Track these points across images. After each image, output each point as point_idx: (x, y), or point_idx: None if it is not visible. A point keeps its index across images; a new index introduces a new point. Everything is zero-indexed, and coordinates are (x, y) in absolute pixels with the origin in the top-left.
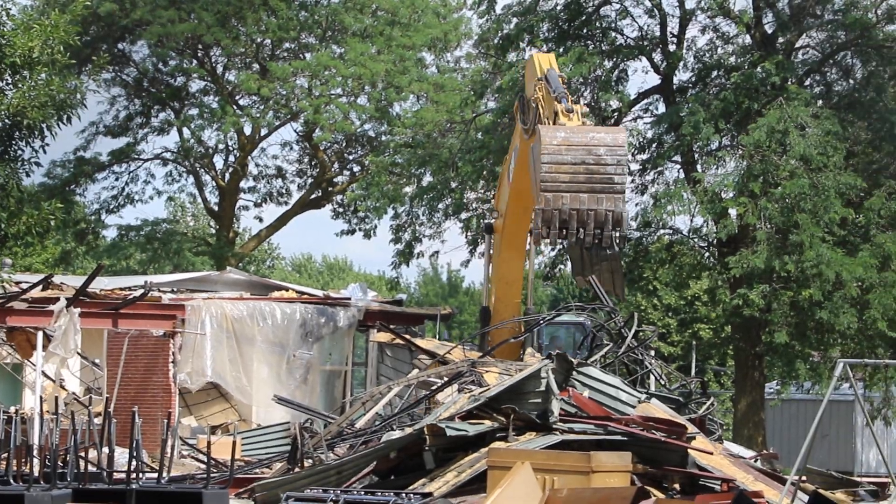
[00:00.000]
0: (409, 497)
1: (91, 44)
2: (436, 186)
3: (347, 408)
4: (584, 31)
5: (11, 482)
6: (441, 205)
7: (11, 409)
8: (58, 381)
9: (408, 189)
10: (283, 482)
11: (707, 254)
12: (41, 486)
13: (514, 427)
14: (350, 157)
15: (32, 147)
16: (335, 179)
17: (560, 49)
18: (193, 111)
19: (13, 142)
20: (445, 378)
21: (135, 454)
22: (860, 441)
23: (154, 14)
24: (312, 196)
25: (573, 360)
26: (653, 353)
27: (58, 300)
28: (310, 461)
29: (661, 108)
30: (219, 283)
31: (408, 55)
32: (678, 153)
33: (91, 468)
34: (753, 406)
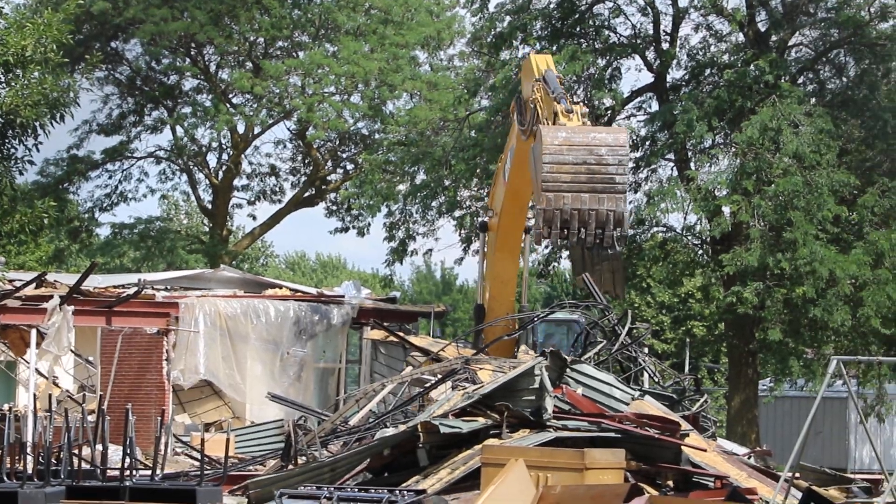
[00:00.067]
0: (403, 494)
1: (84, 42)
2: (429, 184)
3: (341, 405)
4: (578, 30)
5: (5, 479)
6: (434, 203)
7: (5, 407)
8: (51, 379)
9: (401, 187)
10: (277, 479)
11: (700, 251)
12: (35, 484)
13: (508, 424)
14: (343, 155)
15: (26, 145)
16: (329, 177)
17: (553, 47)
18: (187, 109)
19: (6, 140)
20: (439, 375)
21: (128, 451)
22: (853, 438)
23: (147, 12)
24: (306, 194)
25: (567, 358)
26: (646, 351)
27: (51, 298)
28: (304, 458)
29: (655, 107)
30: (212, 281)
31: (401, 53)
32: (671, 151)
33: (85, 465)
34: (747, 403)
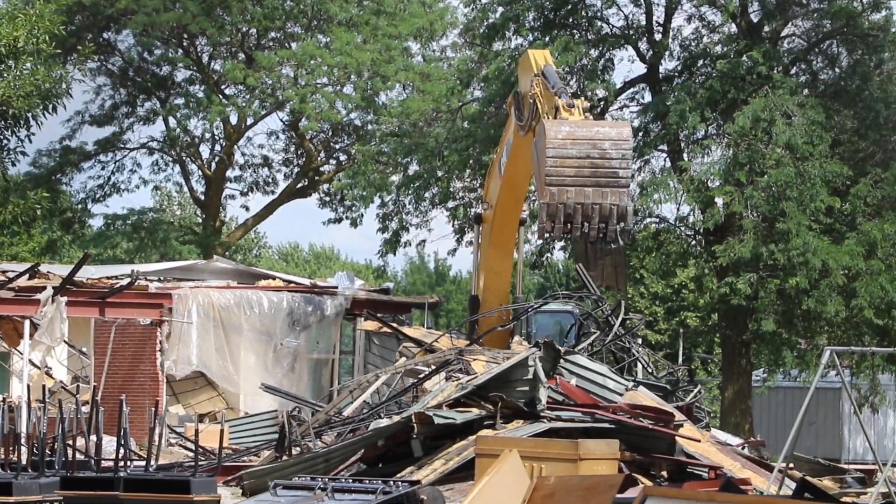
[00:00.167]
0: (397, 485)
1: (76, 33)
2: (422, 175)
3: (335, 396)
4: (570, 20)
5: (0, 470)
6: (427, 194)
7: None
8: (43, 369)
9: (394, 178)
10: (271, 470)
11: (693, 242)
12: (29, 475)
13: (502, 415)
14: (336, 147)
15: (18, 136)
16: (321, 168)
17: (546, 38)
18: (179, 100)
19: None
20: (433, 366)
21: (122, 442)
22: (847, 428)
23: (139, 3)
24: (299, 185)
25: (560, 349)
26: (640, 341)
27: (44, 289)
28: (297, 449)
29: (647, 97)
30: (205, 272)
31: (394, 44)
32: (664, 142)
33: (79, 456)
34: (740, 394)
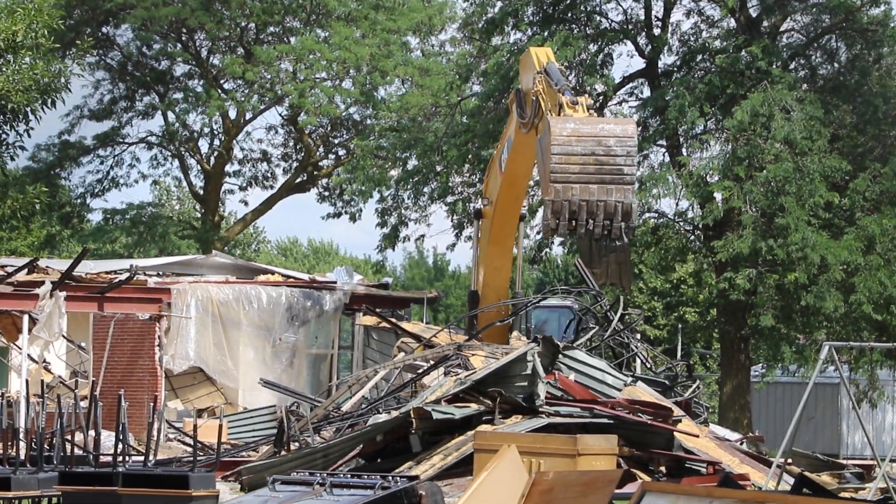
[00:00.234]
0: (396, 480)
1: (75, 27)
2: (421, 170)
3: (334, 391)
4: (569, 15)
5: None
6: (426, 188)
7: None
8: (41, 364)
9: (393, 173)
10: (270, 465)
11: (692, 237)
12: (28, 469)
13: (501, 410)
14: (335, 141)
15: (17, 131)
16: (320, 163)
17: (545, 33)
18: (178, 95)
19: None
20: (432, 361)
21: (121, 437)
22: (846, 424)
23: None
24: (298, 180)
25: (559, 344)
26: (639, 337)
27: (43, 284)
28: (296, 444)
29: (646, 92)
30: (204, 267)
31: (392, 39)
32: (663, 137)
33: (77, 451)
34: (739, 389)
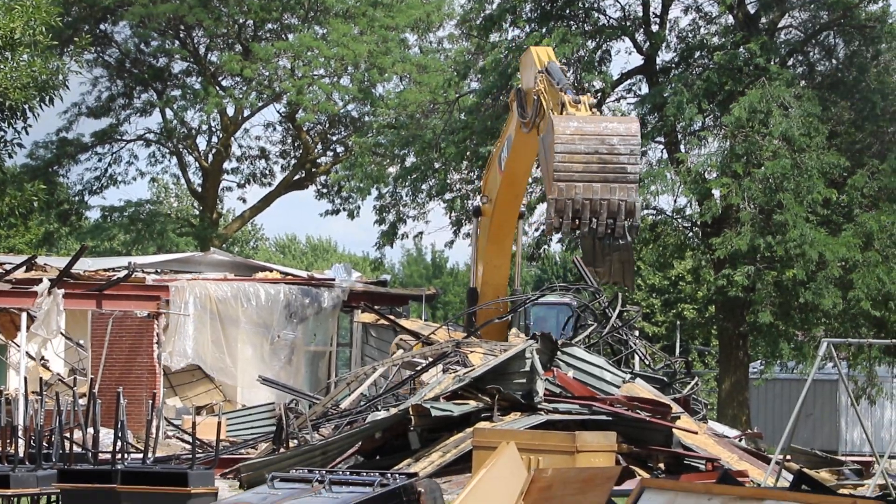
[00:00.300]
0: (395, 477)
1: (73, 25)
2: (419, 167)
3: (332, 388)
4: (567, 12)
5: None
6: (425, 186)
7: None
8: (39, 361)
9: (391, 170)
10: (269, 462)
11: (691, 234)
12: (26, 467)
13: (499, 407)
14: (333, 138)
15: (15, 128)
16: (318, 160)
17: (543, 29)
18: (176, 92)
19: None
20: (430, 358)
21: (120, 435)
22: (844, 420)
23: None
24: (296, 177)
25: (557, 341)
26: (637, 334)
27: (41, 281)
28: (295, 442)
29: (645, 89)
30: (202, 264)
31: (390, 36)
32: (661, 134)
33: (76, 449)
34: (738, 386)
